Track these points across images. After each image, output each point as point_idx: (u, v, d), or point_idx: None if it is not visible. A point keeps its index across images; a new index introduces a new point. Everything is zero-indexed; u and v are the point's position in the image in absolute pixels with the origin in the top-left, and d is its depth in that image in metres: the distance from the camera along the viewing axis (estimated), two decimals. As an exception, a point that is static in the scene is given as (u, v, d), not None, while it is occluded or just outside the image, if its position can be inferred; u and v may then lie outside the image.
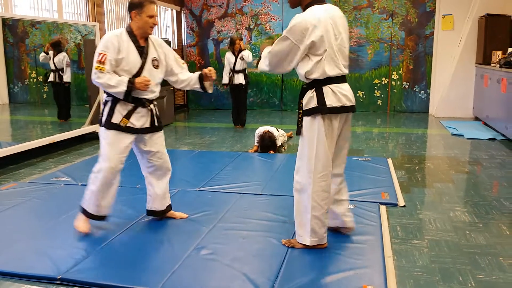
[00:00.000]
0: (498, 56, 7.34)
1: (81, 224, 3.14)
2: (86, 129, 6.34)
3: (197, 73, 3.26)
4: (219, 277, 2.55)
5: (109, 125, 3.01)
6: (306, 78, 2.70)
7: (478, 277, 2.56)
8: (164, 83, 3.30)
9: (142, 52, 3.05)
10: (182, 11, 10.12)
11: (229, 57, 7.40)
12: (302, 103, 2.75)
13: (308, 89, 2.73)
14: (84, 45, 6.57)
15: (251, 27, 9.71)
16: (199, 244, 2.95)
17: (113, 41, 2.95)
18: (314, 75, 2.66)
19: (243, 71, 7.38)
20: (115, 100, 3.02)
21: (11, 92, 6.04)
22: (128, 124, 3.03)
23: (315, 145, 2.71)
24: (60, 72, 6.21)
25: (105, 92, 3.06)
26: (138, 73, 3.02)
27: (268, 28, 9.61)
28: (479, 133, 6.80)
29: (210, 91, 3.29)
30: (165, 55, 3.18)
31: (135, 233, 3.15)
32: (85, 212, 3.13)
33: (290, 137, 6.61)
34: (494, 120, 6.98)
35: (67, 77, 6.37)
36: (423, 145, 6.22)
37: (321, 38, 2.58)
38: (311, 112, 2.69)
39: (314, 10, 2.65)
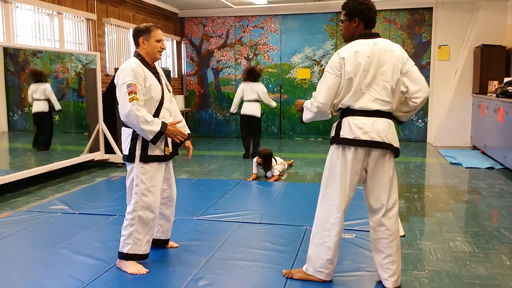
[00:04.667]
0: (495, 86, 7.41)
1: (135, 268, 2.95)
2: (84, 157, 6.33)
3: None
4: (216, 308, 2.50)
5: (147, 159, 2.91)
6: (334, 110, 2.71)
7: (479, 309, 2.51)
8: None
9: (158, 77, 3.03)
10: (182, 41, 10.26)
11: (245, 88, 7.19)
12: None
13: (338, 117, 2.76)
14: (84, 74, 6.63)
15: (250, 56, 9.84)
16: (197, 274, 2.91)
17: (138, 70, 2.87)
18: (339, 106, 2.67)
19: (257, 101, 7.22)
20: None
21: (10, 120, 6.06)
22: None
23: (327, 173, 2.72)
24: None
25: (127, 126, 2.94)
26: (162, 99, 2.98)
27: (266, 57, 9.74)
28: (477, 162, 6.81)
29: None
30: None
31: (131, 263, 3.11)
32: (134, 256, 2.95)
33: (290, 165, 6.61)
34: (492, 149, 7.00)
35: (57, 105, 6.39)
36: (422, 174, 6.22)
37: (350, 71, 2.57)
38: (330, 141, 2.73)
39: (353, 44, 2.64)
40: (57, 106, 6.40)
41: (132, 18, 8.27)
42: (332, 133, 2.72)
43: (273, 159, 5.86)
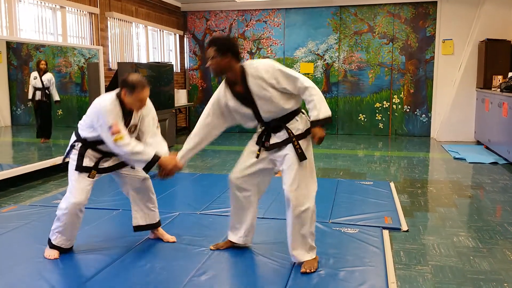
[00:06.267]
0: (499, 81, 7.37)
1: (50, 253, 3.12)
2: (87, 151, 6.32)
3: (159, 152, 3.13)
4: (219, 303, 2.51)
5: (80, 169, 3.11)
6: (290, 109, 2.89)
7: (483, 304, 2.51)
8: (166, 106, 3.30)
9: (127, 118, 3.05)
10: (185, 36, 10.24)
11: None
12: (290, 131, 2.87)
13: (291, 116, 2.89)
14: (87, 68, 6.63)
15: (253, 51, 9.81)
16: (200, 268, 2.91)
17: (116, 109, 2.96)
18: (297, 105, 2.95)
19: None
20: (84, 147, 3.13)
21: (13, 114, 6.07)
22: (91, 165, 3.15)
23: (309, 166, 2.92)
24: (46, 91, 6.23)
25: (76, 135, 3.19)
26: None
27: (269, 52, 9.71)
28: (481, 157, 6.79)
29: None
30: (142, 119, 3.16)
31: (134, 258, 3.11)
32: (54, 246, 3.13)
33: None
34: (496, 144, 6.97)
35: (56, 96, 6.41)
36: (425, 169, 6.20)
37: None
38: (303, 135, 2.90)
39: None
40: (56, 96, 6.43)
41: (135, 12, 8.25)
42: (308, 125, 2.89)
43: None
